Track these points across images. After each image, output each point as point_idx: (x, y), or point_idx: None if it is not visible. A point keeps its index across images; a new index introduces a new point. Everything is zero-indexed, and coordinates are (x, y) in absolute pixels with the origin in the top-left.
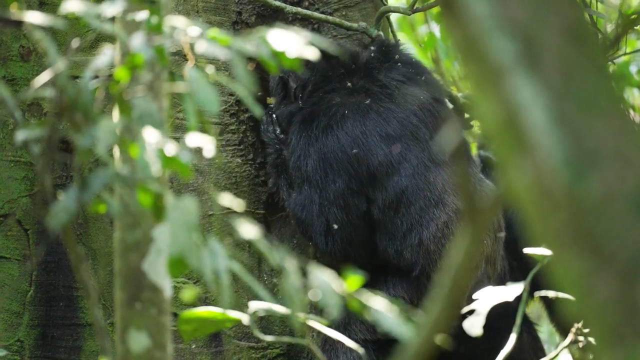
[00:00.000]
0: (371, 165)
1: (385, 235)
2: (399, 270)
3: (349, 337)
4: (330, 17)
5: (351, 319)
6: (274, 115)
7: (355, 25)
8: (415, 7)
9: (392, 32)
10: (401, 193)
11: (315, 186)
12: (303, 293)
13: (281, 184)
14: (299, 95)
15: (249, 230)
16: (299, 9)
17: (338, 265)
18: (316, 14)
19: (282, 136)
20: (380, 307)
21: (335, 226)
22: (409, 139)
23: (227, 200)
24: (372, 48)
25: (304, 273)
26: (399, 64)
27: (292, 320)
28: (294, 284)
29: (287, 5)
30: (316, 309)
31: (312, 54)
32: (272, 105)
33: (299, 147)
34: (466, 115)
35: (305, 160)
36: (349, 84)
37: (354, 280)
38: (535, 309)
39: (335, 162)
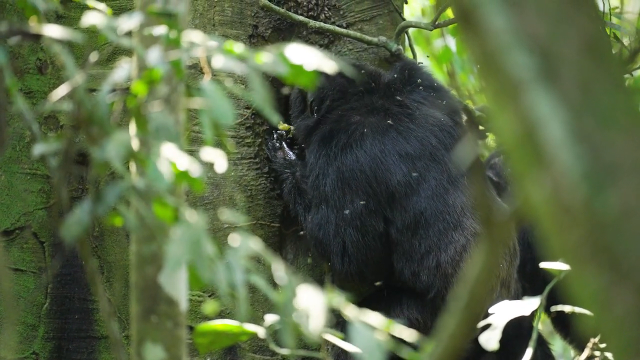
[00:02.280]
0: (390, 185)
1: (402, 256)
2: (414, 292)
3: None
4: (351, 32)
5: None
6: (279, 139)
7: (375, 39)
8: (437, 23)
9: (411, 46)
10: (420, 214)
11: (333, 206)
12: (295, 308)
13: (299, 210)
14: (314, 108)
15: (252, 243)
16: (322, 24)
17: (355, 284)
18: (338, 29)
19: (292, 158)
20: (370, 323)
21: (351, 248)
22: (428, 160)
23: (229, 215)
24: (395, 69)
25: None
26: (421, 87)
27: (283, 334)
28: (291, 300)
29: (310, 20)
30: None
31: (330, 68)
32: (279, 131)
33: (318, 166)
34: (481, 128)
35: (324, 180)
36: (369, 103)
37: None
38: (548, 326)
39: (354, 182)
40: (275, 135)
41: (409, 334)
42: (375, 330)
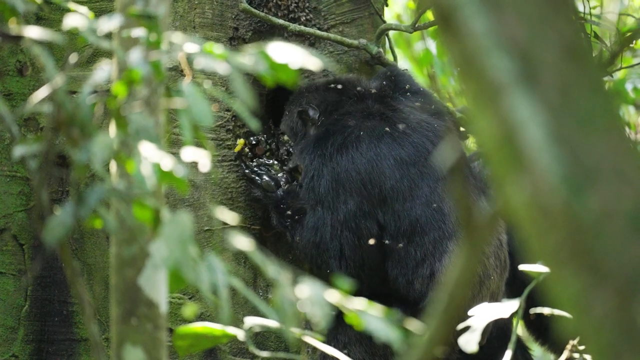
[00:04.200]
0: (384, 189)
1: (397, 263)
2: (405, 301)
3: (348, 356)
4: (331, 35)
5: (350, 340)
6: (248, 166)
7: (355, 42)
8: (416, 25)
9: (391, 48)
10: (415, 221)
11: (327, 207)
12: (296, 306)
13: (288, 234)
14: (321, 121)
15: (243, 243)
16: (302, 27)
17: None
18: (318, 32)
19: (266, 181)
20: (373, 313)
21: (348, 251)
22: (423, 166)
23: (222, 213)
24: (381, 75)
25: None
26: (409, 92)
27: (285, 334)
28: (287, 297)
29: (290, 23)
30: (308, 325)
31: (315, 65)
32: (253, 166)
33: (313, 168)
34: (462, 129)
35: (319, 181)
36: (365, 108)
37: (344, 289)
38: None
39: (348, 183)
40: (245, 165)
41: (408, 323)
42: (383, 318)
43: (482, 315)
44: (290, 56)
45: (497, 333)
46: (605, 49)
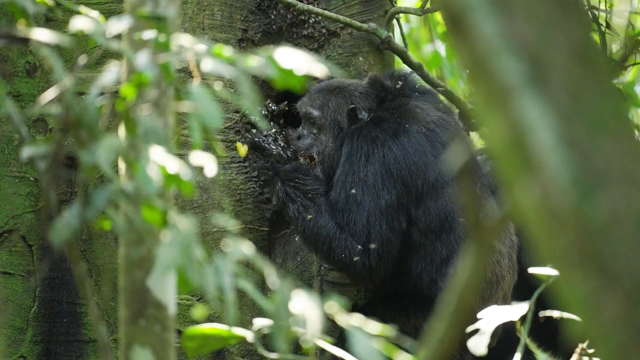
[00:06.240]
0: (425, 182)
1: (423, 259)
2: (424, 300)
3: None
4: (340, 17)
5: None
6: (254, 134)
7: (365, 26)
8: (426, 8)
9: (402, 34)
10: (445, 218)
11: (370, 193)
12: (290, 313)
13: (293, 211)
14: (364, 117)
15: (244, 247)
16: (311, 7)
17: (361, 283)
18: (327, 12)
19: (274, 152)
20: (365, 332)
21: (376, 240)
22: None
23: (222, 220)
24: (394, 76)
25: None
26: (417, 92)
27: (275, 339)
28: (284, 303)
29: (299, 2)
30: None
31: (320, 72)
32: (262, 134)
33: (361, 151)
34: (472, 120)
35: (367, 165)
36: (402, 104)
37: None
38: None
39: (396, 171)
40: (251, 134)
41: (404, 340)
42: (372, 337)
43: (492, 317)
44: (296, 62)
45: (504, 335)
46: (615, 52)
